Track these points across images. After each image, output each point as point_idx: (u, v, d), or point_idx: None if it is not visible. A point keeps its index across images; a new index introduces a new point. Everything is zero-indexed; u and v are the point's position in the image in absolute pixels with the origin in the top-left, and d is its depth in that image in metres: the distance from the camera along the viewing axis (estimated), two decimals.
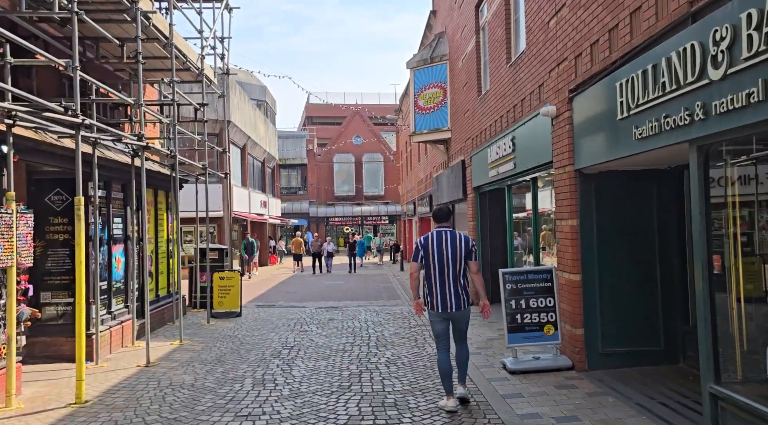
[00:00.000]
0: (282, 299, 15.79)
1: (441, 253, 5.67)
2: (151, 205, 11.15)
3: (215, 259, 14.04)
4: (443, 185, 17.23)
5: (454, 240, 5.73)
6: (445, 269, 5.65)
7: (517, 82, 9.17)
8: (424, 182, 23.54)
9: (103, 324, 8.68)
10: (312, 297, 16.20)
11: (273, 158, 36.15)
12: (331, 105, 56.82)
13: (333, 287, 19.31)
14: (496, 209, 13.10)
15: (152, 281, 11.04)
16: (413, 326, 10.89)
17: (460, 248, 5.69)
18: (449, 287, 5.65)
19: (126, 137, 7.89)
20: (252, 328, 10.92)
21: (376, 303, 14.62)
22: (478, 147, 12.51)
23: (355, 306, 14.01)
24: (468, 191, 13.69)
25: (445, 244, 5.70)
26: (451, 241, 5.71)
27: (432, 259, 5.68)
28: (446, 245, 5.69)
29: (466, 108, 13.62)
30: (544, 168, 8.16)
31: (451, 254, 5.66)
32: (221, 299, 12.42)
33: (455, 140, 15.41)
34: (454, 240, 5.73)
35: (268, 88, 34.96)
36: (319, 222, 47.94)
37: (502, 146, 10.12)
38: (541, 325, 7.10)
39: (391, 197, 48.62)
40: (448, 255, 5.66)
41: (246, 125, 27.15)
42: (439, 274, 5.66)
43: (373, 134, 49.70)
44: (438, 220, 6.02)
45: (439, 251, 5.67)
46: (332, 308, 13.62)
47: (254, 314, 12.85)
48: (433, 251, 5.69)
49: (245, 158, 27.94)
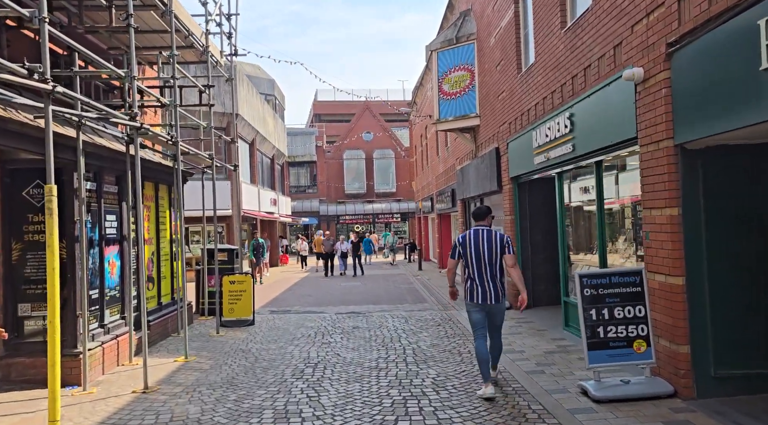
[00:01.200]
0: (298, 304, 14.46)
1: (478, 250, 6.07)
2: (151, 201, 9.83)
3: (224, 261, 12.71)
4: (470, 177, 15.84)
5: (491, 238, 6.12)
6: (483, 264, 6.04)
7: (576, 48, 7.77)
8: (444, 176, 22.15)
9: (93, 339, 7.36)
10: (330, 301, 14.85)
11: (282, 154, 34.87)
12: (341, 100, 55.87)
13: (351, 289, 17.95)
14: (538, 200, 11.73)
15: (153, 287, 9.72)
16: (451, 335, 9.53)
17: (495, 245, 6.08)
18: (486, 281, 6.03)
19: (116, 116, 6.55)
20: (267, 339, 9.59)
21: (401, 308, 13.25)
22: (517, 132, 11.11)
23: (380, 311, 12.66)
24: (503, 181, 12.29)
25: (482, 241, 6.09)
26: (488, 238, 6.11)
27: (470, 255, 6.08)
28: (483, 243, 6.08)
29: (501, 89, 12.22)
30: (618, 147, 6.76)
31: (487, 251, 6.05)
32: (232, 306, 11.09)
33: (485, 127, 14.01)
34: (491, 238, 6.12)
35: (276, 82, 33.66)
36: (330, 221, 46.61)
37: (554, 126, 8.72)
38: (630, 340, 5.71)
39: (403, 194, 47.24)
40: (484, 252, 6.05)
41: (254, 119, 25.85)
42: (477, 269, 6.05)
43: (383, 129, 48.33)
44: (477, 218, 6.42)
45: (477, 248, 6.07)
46: (355, 314, 12.27)
47: (269, 321, 11.51)
48: (471, 249, 6.10)
49: (254, 154, 26.66)
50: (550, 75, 8.96)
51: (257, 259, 21.22)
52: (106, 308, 7.87)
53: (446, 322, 10.84)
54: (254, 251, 21.25)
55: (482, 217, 6.42)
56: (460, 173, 17.40)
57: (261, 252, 21.43)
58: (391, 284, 19.21)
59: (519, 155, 11.02)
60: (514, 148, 11.40)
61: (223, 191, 22.45)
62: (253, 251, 21.26)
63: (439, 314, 11.84)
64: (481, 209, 6.50)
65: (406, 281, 20.01)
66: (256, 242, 21.62)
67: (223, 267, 12.45)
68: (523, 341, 8.73)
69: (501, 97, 12.23)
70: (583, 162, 8.07)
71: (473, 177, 15.38)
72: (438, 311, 12.32)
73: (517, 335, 9.21)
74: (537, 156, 9.66)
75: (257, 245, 21.50)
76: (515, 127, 11.27)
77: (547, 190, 11.49)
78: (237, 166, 12.39)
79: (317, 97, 58.45)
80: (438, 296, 15.06)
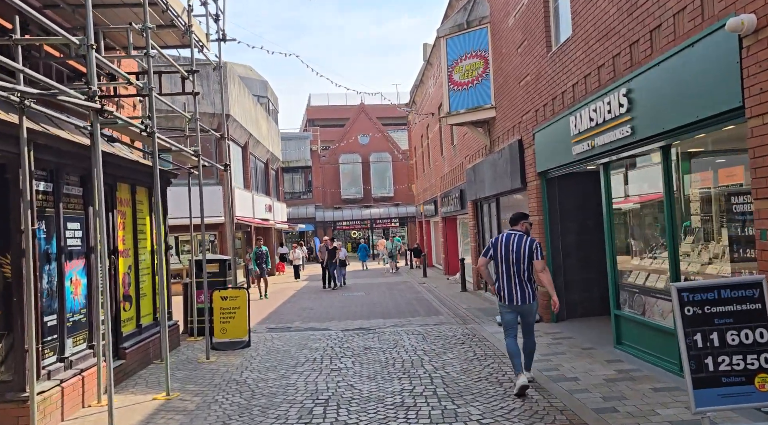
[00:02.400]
0: (298, 319, 13.01)
1: (508, 253, 6.28)
2: (127, 205, 8.39)
3: (215, 273, 11.26)
4: (483, 176, 14.46)
5: (521, 242, 6.31)
6: (512, 267, 6.25)
7: (640, 6, 6.39)
8: (450, 177, 20.78)
9: (50, 378, 5.91)
10: (334, 315, 13.42)
11: (277, 158, 33.46)
12: (335, 105, 54.49)
13: (354, 300, 16.51)
14: (571, 198, 10.40)
15: (131, 308, 8.27)
16: (482, 357, 8.12)
17: (524, 250, 6.25)
18: (515, 283, 6.25)
19: (68, 93, 5.12)
20: (266, 366, 8.15)
21: (415, 322, 11.83)
22: (546, 120, 9.76)
23: (392, 327, 11.23)
24: (528, 177, 10.91)
25: (513, 245, 6.29)
26: (518, 243, 6.30)
27: (501, 257, 6.32)
28: (513, 246, 6.28)
29: (523, 74, 10.86)
30: (706, 125, 5.39)
31: (516, 254, 6.24)
32: (224, 325, 9.64)
33: (502, 118, 12.64)
34: (521, 242, 6.31)
35: (269, 83, 32.25)
36: (327, 227, 45.15)
37: (602, 108, 7.35)
38: (749, 375, 4.31)
39: (401, 199, 45.87)
40: (513, 255, 6.25)
41: (247, 121, 24.44)
42: (506, 271, 6.28)
43: (380, 131, 47.00)
44: (512, 224, 6.64)
45: (507, 251, 6.29)
46: (363, 331, 10.84)
47: (266, 342, 10.07)
48: (502, 251, 6.33)
49: (247, 158, 25.23)
50: (596, 47, 7.59)
51: (260, 270, 18.83)
52: (67, 336, 6.41)
53: (470, 339, 9.43)
54: (257, 261, 18.95)
55: (517, 222, 6.63)
56: (471, 171, 16.02)
57: (264, 261, 18.98)
58: (397, 294, 17.78)
59: (549, 146, 9.65)
60: (542, 139, 10.03)
61: (215, 196, 21.04)
62: (256, 261, 18.95)
63: (460, 330, 10.42)
64: (516, 215, 6.70)
65: (413, 290, 18.59)
66: (259, 251, 19.14)
67: (213, 280, 11.01)
68: (571, 363, 7.32)
69: (524, 82, 10.87)
70: (643, 148, 6.69)
71: (488, 175, 14.00)
72: (457, 326, 10.90)
73: (561, 355, 7.81)
74: (576, 145, 8.29)
75: (260, 254, 19.01)
76: (544, 114, 9.90)
77: (583, 185, 10.16)
78: (228, 165, 10.98)
79: (311, 103, 57.11)
80: (453, 307, 13.65)
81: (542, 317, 10.51)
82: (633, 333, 7.58)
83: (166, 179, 9.80)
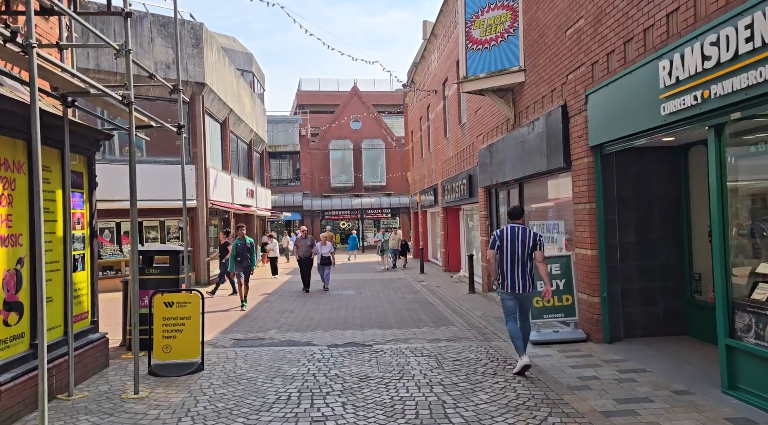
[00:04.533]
0: (274, 326, 10.46)
1: (513, 245, 6.65)
2: (18, 171, 5.77)
3: (164, 268, 8.65)
4: (504, 156, 11.96)
5: (524, 235, 6.68)
6: (516, 258, 6.63)
7: None
8: (455, 161, 18.26)
9: None
10: (319, 322, 10.88)
11: (262, 140, 30.76)
12: (327, 91, 51.84)
13: (344, 302, 13.99)
14: (634, 181, 7.96)
15: (20, 320, 5.67)
16: (529, 399, 5.62)
17: (528, 242, 6.65)
18: (518, 272, 6.63)
19: None
20: (217, 410, 5.61)
21: (421, 334, 9.33)
22: (611, 74, 7.26)
23: (392, 342, 8.73)
24: (576, 153, 8.42)
25: (517, 238, 6.66)
26: (522, 235, 6.67)
27: (507, 249, 6.67)
28: (518, 239, 6.65)
29: (574, 18, 8.34)
30: None
31: (521, 246, 6.63)
32: (168, 341, 7.08)
33: (535, 83, 10.14)
34: (524, 235, 6.68)
35: (254, 57, 29.47)
36: (314, 216, 42.53)
37: (734, 37, 4.86)
38: None
39: (393, 188, 43.33)
40: (518, 247, 6.63)
41: (227, 95, 21.74)
42: (511, 262, 6.65)
43: (372, 117, 44.32)
44: (513, 218, 6.97)
45: (512, 243, 6.65)
46: (356, 348, 8.33)
47: (227, 363, 7.53)
48: (507, 243, 6.68)
49: (226, 137, 22.54)
50: None
51: (243, 270, 13.02)
52: None
53: (503, 368, 6.94)
54: (237, 257, 12.99)
55: (518, 216, 6.98)
56: (486, 152, 13.51)
57: (248, 258, 13.05)
58: (393, 293, 15.25)
59: (614, 108, 7.16)
60: (600, 101, 7.53)
61: (186, 177, 18.34)
62: (236, 257, 12.99)
63: (484, 350, 7.94)
64: (517, 209, 7.06)
65: (411, 289, 16.08)
66: (241, 244, 13.00)
67: (161, 278, 8.44)
68: (672, 423, 4.84)
69: (574, 30, 8.35)
70: None
71: (510, 155, 11.50)
72: (478, 344, 8.42)
73: (647, 404, 5.34)
74: (670, 101, 5.79)
75: (241, 247, 12.97)
76: (606, 67, 7.39)
77: (649, 164, 7.76)
78: (182, 126, 8.30)
79: (301, 87, 54.34)
80: (465, 315, 11.16)
81: (590, 336, 8.07)
82: (754, 374, 5.14)
83: (91, 140, 7.18)
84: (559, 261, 8.47)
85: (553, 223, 10.01)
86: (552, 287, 8.34)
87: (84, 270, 6.99)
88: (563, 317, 8.36)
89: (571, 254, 8.47)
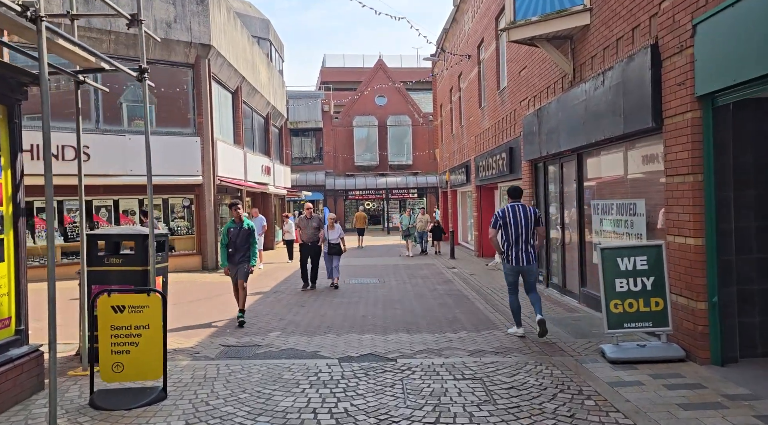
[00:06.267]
0: (276, 328, 8.56)
1: (516, 222, 7.32)
2: None
3: (129, 257, 6.73)
4: (558, 122, 9.81)
5: (525, 212, 7.38)
6: (519, 234, 7.31)
7: None
8: (492, 133, 16.07)
9: None
10: (332, 322, 8.95)
11: (280, 114, 28.82)
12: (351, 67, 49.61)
13: (364, 293, 12.05)
14: (751, 146, 5.78)
15: None
16: None
17: (528, 218, 7.34)
18: (522, 247, 7.32)
19: None
20: None
21: (457, 342, 7.32)
22: None
23: (423, 355, 6.74)
24: (673, 109, 6.23)
25: (519, 215, 7.34)
26: (523, 212, 7.37)
27: (509, 226, 7.35)
28: (520, 216, 7.33)
29: None
30: None
31: (523, 223, 7.32)
32: (119, 358, 5.19)
33: (605, 24, 7.94)
34: (525, 212, 7.38)
35: (272, 24, 27.38)
36: (337, 196, 40.66)
37: None
38: None
39: (420, 167, 41.18)
40: (521, 223, 7.32)
41: (239, 61, 19.78)
42: (515, 237, 7.33)
43: (398, 92, 42.05)
44: (513, 197, 7.62)
45: (515, 221, 7.33)
46: (375, 363, 6.36)
47: (201, 388, 5.63)
48: (509, 221, 7.36)
49: (239, 107, 20.63)
50: None
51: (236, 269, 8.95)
52: None
53: (581, 404, 4.91)
54: (228, 248, 8.96)
55: (519, 196, 7.60)
56: (534, 119, 11.34)
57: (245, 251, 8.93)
58: (421, 283, 13.25)
59: (746, 37, 4.98)
60: (720, 29, 5.35)
61: (190, 148, 16.56)
62: (227, 247, 8.97)
63: (546, 371, 5.89)
64: (517, 190, 7.64)
65: (441, 278, 14.07)
66: (236, 230, 8.95)
67: (124, 271, 6.55)
68: None
69: None
70: None
71: (568, 120, 9.34)
72: (534, 358, 6.38)
73: None
74: None
75: (235, 234, 8.93)
76: None
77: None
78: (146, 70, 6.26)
79: (325, 64, 52.18)
80: (510, 315, 9.11)
81: (690, 353, 5.97)
82: None
83: (13, 85, 5.24)
84: (646, 253, 6.35)
85: (626, 203, 7.87)
86: (636, 286, 6.28)
87: (3, 261, 5.12)
88: (651, 327, 6.26)
89: (662, 244, 6.35)
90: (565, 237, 10.56)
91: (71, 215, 15.33)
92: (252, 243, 8.94)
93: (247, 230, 8.93)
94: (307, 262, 12.65)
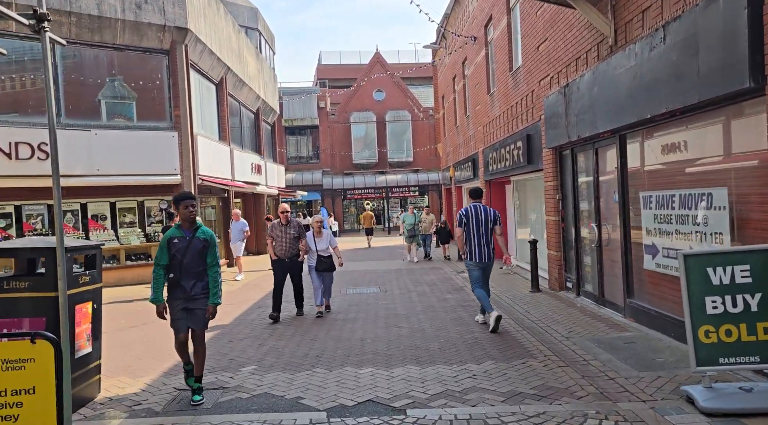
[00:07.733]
0: (252, 360, 6.78)
1: (478, 221, 7.91)
2: None
3: (35, 282, 4.95)
4: (593, 99, 8.05)
5: (486, 212, 7.98)
6: (480, 233, 7.89)
7: None
8: (504, 120, 14.31)
9: None
10: (322, 349, 7.19)
11: (272, 110, 27.06)
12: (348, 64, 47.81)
13: (362, 306, 10.28)
14: None
15: None
16: None
17: (488, 218, 7.93)
18: (483, 245, 7.90)
19: None
20: None
21: (483, 379, 5.56)
22: None
23: (440, 401, 4.97)
24: None
25: (480, 215, 7.94)
26: (484, 213, 7.97)
27: (473, 226, 7.92)
28: (481, 216, 7.93)
29: None
30: None
31: (484, 222, 7.92)
32: None
33: None
34: (486, 212, 7.98)
35: (260, 13, 25.59)
36: (335, 195, 38.91)
37: None
38: None
39: (421, 164, 39.44)
40: (482, 223, 7.91)
41: (222, 49, 18.02)
42: (477, 236, 7.89)
43: (397, 86, 40.30)
44: (475, 197, 8.22)
45: (477, 220, 7.91)
46: (376, 417, 4.61)
47: None
48: (473, 221, 7.93)
49: (224, 101, 18.87)
50: None
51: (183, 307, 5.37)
52: None
53: None
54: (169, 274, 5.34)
55: (480, 196, 8.21)
56: (559, 98, 9.59)
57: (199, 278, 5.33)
58: (429, 292, 11.47)
59: None
60: None
61: (166, 144, 14.82)
62: (167, 272, 5.34)
63: None
64: (478, 190, 8.23)
65: (451, 285, 12.31)
66: (182, 243, 5.27)
67: (32, 298, 4.79)
68: None
69: None
70: None
71: (607, 94, 7.58)
72: (593, 408, 4.63)
73: None
74: None
75: (181, 250, 5.25)
76: None
77: None
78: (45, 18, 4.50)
79: (321, 61, 50.46)
80: (542, 334, 7.36)
81: None
82: None
83: None
84: (749, 260, 4.59)
85: (696, 193, 6.12)
86: (735, 306, 4.53)
87: None
88: (758, 362, 4.51)
89: None
90: (603, 237, 8.81)
91: (31, 221, 13.54)
92: (213, 265, 5.33)
93: (202, 241, 5.30)
94: (282, 285, 9.20)
